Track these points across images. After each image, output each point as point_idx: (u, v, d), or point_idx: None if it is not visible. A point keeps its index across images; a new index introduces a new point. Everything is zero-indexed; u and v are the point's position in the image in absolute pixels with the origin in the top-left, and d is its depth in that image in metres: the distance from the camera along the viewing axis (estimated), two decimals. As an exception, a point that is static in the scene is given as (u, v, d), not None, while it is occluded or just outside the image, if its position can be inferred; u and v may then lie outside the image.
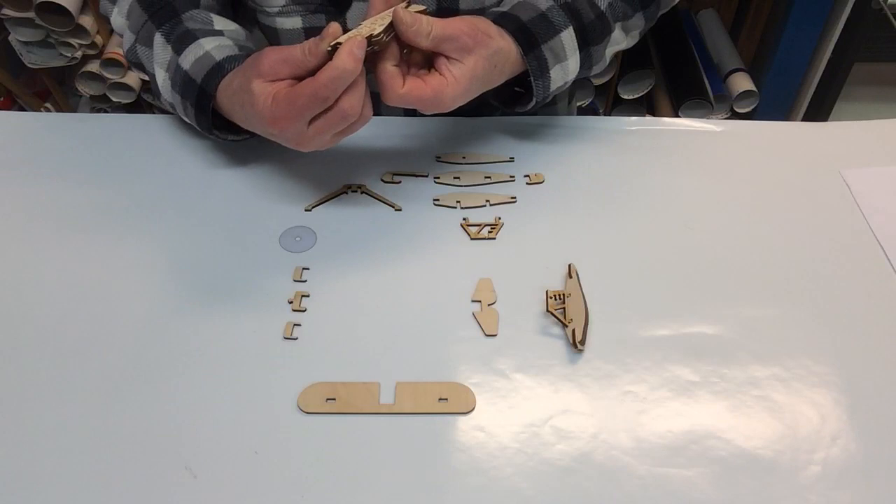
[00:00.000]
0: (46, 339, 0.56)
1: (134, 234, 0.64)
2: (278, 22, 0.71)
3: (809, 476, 0.49)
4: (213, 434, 0.51)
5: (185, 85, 0.63)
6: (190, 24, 0.66)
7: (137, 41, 0.69)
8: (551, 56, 0.63)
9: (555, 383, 0.54)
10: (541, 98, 0.65)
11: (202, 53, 0.63)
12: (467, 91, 0.58)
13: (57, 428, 0.51)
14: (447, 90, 0.57)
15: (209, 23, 0.67)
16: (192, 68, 0.63)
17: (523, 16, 0.62)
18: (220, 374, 0.54)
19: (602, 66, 0.69)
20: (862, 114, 1.50)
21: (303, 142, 0.56)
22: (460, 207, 0.66)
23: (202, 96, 0.62)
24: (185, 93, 0.64)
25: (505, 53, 0.61)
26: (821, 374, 0.54)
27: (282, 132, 0.55)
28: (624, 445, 0.50)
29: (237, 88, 0.58)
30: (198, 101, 0.62)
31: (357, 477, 0.49)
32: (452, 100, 0.58)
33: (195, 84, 0.62)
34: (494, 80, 0.61)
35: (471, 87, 0.58)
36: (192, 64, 0.63)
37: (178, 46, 0.65)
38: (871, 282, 0.60)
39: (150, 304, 0.58)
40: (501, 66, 0.61)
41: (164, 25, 0.66)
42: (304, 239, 0.64)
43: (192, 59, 0.63)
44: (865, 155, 0.72)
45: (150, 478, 0.49)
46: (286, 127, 0.54)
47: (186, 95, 0.63)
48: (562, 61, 0.64)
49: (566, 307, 0.57)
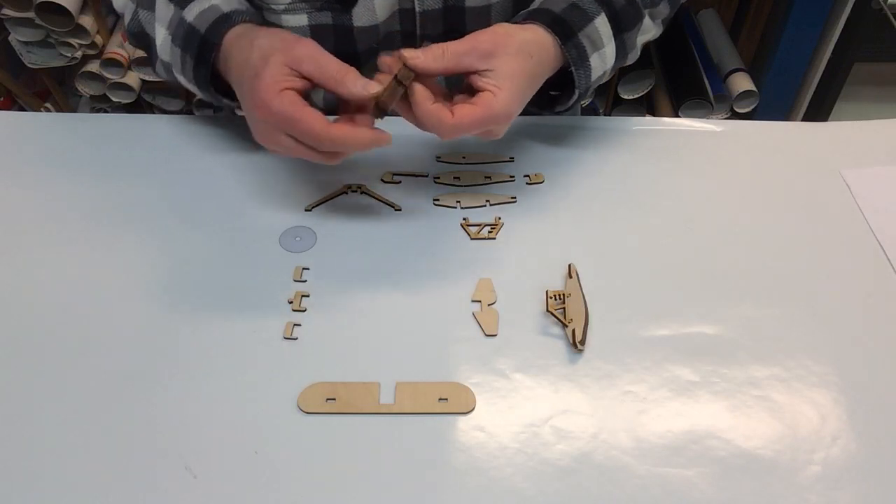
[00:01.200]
0: (46, 339, 0.56)
1: (134, 234, 0.64)
2: (284, 19, 0.70)
3: (809, 476, 0.49)
4: (213, 434, 0.51)
5: (187, 37, 0.62)
6: None
7: (139, 6, 0.68)
8: (589, 44, 0.62)
9: (555, 383, 0.54)
10: (583, 89, 0.64)
11: (208, 6, 0.62)
12: (516, 92, 0.57)
13: (57, 428, 0.51)
14: (496, 100, 0.55)
15: None
16: (197, 20, 0.62)
17: (555, 7, 0.62)
18: (220, 374, 0.54)
19: (635, 55, 0.69)
20: (862, 114, 1.50)
21: (265, 141, 0.57)
22: (460, 207, 0.66)
23: (204, 46, 0.61)
24: (185, 45, 0.62)
25: (538, 43, 0.60)
26: (821, 374, 0.54)
27: (257, 121, 0.55)
28: (624, 445, 0.50)
29: (255, 47, 0.57)
30: (199, 52, 0.61)
31: (357, 477, 0.49)
32: (506, 106, 0.56)
33: (198, 34, 0.61)
34: (538, 73, 0.60)
35: (516, 86, 0.57)
36: (196, 16, 0.62)
37: (180, 2, 0.64)
38: (871, 282, 0.60)
39: (149, 303, 0.58)
40: (539, 56, 0.59)
41: None
42: (304, 239, 0.64)
43: (197, 12, 0.62)
44: (865, 155, 0.71)
45: (150, 478, 0.49)
46: (265, 119, 0.54)
47: (187, 48, 0.62)
48: (599, 49, 0.63)
49: (566, 307, 0.57)
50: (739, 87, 1.55)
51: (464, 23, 0.71)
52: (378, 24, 0.69)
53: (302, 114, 0.53)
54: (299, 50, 0.55)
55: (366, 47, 0.71)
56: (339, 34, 0.70)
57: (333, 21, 0.69)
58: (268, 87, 0.54)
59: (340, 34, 0.70)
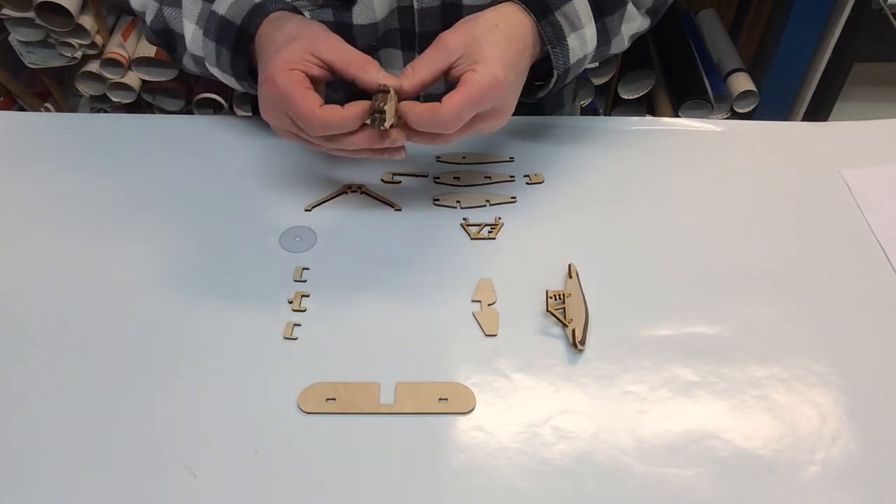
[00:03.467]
0: (46, 338, 0.56)
1: (134, 233, 0.64)
2: None
3: (809, 476, 0.49)
4: (213, 434, 0.51)
5: (222, 30, 0.62)
6: None
7: (163, 4, 0.68)
8: (566, 22, 0.61)
9: (555, 383, 0.54)
10: (561, 70, 0.62)
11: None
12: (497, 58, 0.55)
13: (57, 427, 0.51)
14: (478, 73, 0.54)
15: None
16: (230, 11, 0.62)
17: None
18: (220, 374, 0.54)
19: (620, 44, 0.68)
20: (862, 114, 1.51)
21: (266, 115, 0.58)
22: (460, 207, 0.66)
23: (241, 38, 0.61)
24: (221, 38, 0.62)
25: (505, 16, 0.59)
26: (821, 374, 0.54)
27: (263, 93, 0.56)
28: (624, 445, 0.50)
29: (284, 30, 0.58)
30: (236, 44, 0.61)
31: (357, 477, 0.49)
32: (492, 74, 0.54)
33: (233, 26, 0.61)
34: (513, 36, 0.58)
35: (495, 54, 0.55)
36: (228, 7, 0.62)
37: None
38: (871, 282, 0.60)
39: (149, 303, 0.58)
40: (512, 31, 0.58)
41: None
42: (304, 239, 0.64)
43: (228, 3, 0.62)
44: (865, 155, 0.71)
45: (150, 478, 0.49)
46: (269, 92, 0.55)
47: (223, 41, 0.62)
48: (577, 29, 0.62)
49: (566, 307, 0.57)
50: (739, 87, 1.55)
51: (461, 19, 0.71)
52: (377, 22, 0.69)
53: (301, 94, 0.54)
54: (324, 39, 0.56)
55: (365, 45, 0.71)
56: (340, 32, 0.70)
57: (334, 18, 0.69)
58: (281, 63, 0.55)
59: (341, 32, 0.70)
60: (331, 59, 0.56)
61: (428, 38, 0.71)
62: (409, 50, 0.73)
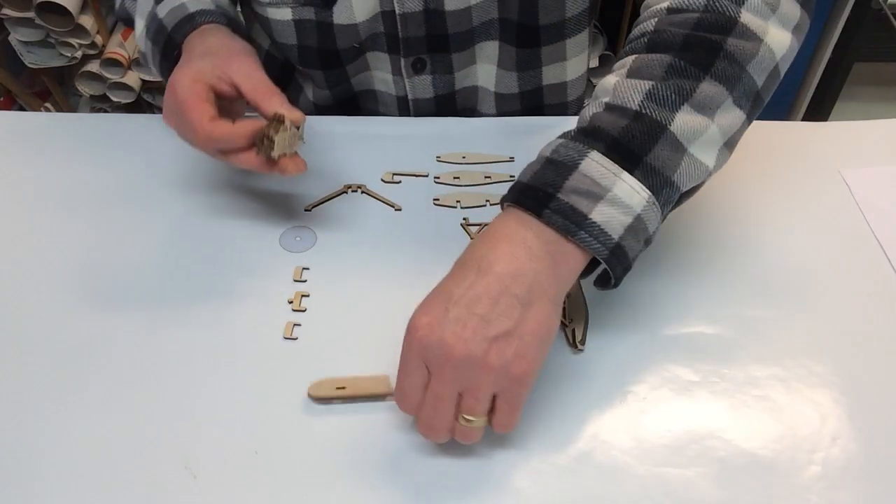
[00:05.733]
0: (46, 339, 0.56)
1: (134, 233, 0.64)
2: (269, 12, 0.71)
3: (809, 476, 0.49)
4: (213, 434, 0.51)
5: (158, 33, 0.65)
6: None
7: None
8: (579, 198, 0.46)
9: (555, 383, 0.54)
10: (601, 250, 0.46)
11: (178, 4, 0.65)
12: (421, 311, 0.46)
13: (57, 427, 0.51)
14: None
15: None
16: (167, 17, 0.65)
17: (525, 176, 0.49)
18: (220, 374, 0.54)
19: (698, 170, 0.51)
20: (862, 114, 1.50)
21: (166, 119, 0.59)
22: (460, 207, 0.66)
23: (169, 44, 0.64)
24: (156, 40, 0.66)
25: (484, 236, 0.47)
26: (821, 374, 0.54)
27: (165, 99, 0.58)
28: (624, 445, 0.50)
29: (203, 45, 0.61)
30: (164, 49, 0.64)
31: (357, 477, 0.49)
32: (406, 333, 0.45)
33: (165, 32, 0.64)
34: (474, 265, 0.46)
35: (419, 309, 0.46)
36: (167, 13, 0.65)
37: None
38: (871, 282, 0.60)
39: (149, 303, 0.58)
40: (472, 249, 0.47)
41: None
42: (304, 239, 0.64)
43: (168, 9, 0.65)
44: (865, 155, 0.71)
45: (150, 478, 0.49)
46: (169, 99, 0.58)
47: (157, 43, 0.65)
48: (603, 196, 0.46)
49: (566, 307, 0.57)
50: (739, 87, 1.55)
51: (445, 26, 0.71)
52: (357, 24, 0.70)
53: (194, 104, 0.55)
54: (238, 61, 0.58)
55: (346, 45, 0.72)
56: (321, 30, 0.71)
57: (316, 17, 0.70)
58: (188, 73, 0.57)
59: (322, 30, 0.71)
60: (238, 83, 0.57)
61: (412, 42, 0.72)
62: (395, 54, 0.73)
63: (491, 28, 0.73)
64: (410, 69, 0.74)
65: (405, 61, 0.73)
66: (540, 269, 0.45)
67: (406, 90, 0.76)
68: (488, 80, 0.78)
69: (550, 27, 0.73)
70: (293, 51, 0.74)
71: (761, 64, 0.51)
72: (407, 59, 0.73)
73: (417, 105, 0.77)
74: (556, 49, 0.76)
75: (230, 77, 0.57)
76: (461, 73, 0.76)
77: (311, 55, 0.74)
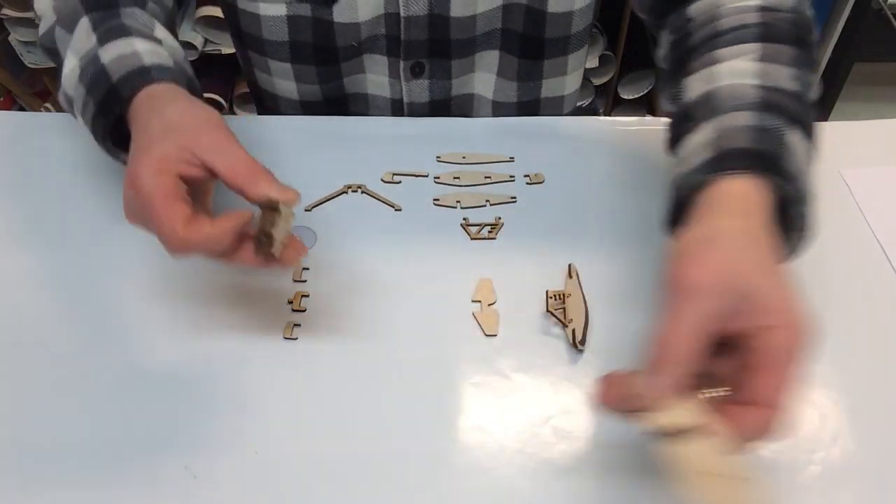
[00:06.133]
0: (46, 339, 0.56)
1: (134, 233, 0.64)
2: (261, 8, 0.69)
3: (809, 476, 0.49)
4: (213, 434, 0.51)
5: (96, 79, 0.53)
6: (127, 21, 0.56)
7: (58, 22, 0.59)
8: (797, 169, 0.47)
9: (555, 383, 0.54)
10: (807, 230, 0.47)
11: (130, 52, 0.53)
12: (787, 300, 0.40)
13: (57, 427, 0.51)
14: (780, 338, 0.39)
15: (150, 27, 0.58)
16: (112, 64, 0.53)
17: (741, 142, 0.47)
18: (221, 374, 0.54)
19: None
20: (862, 114, 1.51)
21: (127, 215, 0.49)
22: (460, 207, 0.66)
23: (111, 97, 0.52)
24: (91, 87, 0.53)
25: (740, 209, 0.44)
26: (821, 374, 0.54)
27: (125, 192, 0.48)
28: (624, 445, 0.50)
29: (162, 116, 0.49)
30: (103, 101, 0.52)
31: (356, 477, 0.49)
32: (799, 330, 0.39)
33: (108, 81, 0.52)
34: (772, 241, 0.43)
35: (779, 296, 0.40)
36: (113, 59, 0.53)
37: (103, 37, 0.55)
38: (871, 282, 0.60)
39: (150, 303, 0.58)
40: (757, 224, 0.43)
41: (95, 12, 0.57)
42: (304, 239, 0.64)
43: (115, 54, 0.53)
44: (865, 155, 0.71)
45: (150, 478, 0.49)
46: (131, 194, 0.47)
47: (92, 91, 0.53)
48: (805, 170, 0.48)
49: (566, 307, 0.57)
50: (739, 87, 1.55)
51: (448, 31, 0.70)
52: (360, 23, 0.69)
53: (163, 205, 0.45)
54: (207, 137, 0.48)
55: (345, 44, 0.71)
56: (318, 27, 0.70)
57: (312, 13, 0.69)
58: (151, 163, 0.46)
59: (319, 27, 0.70)
60: (212, 164, 0.47)
61: (414, 46, 0.71)
62: (395, 56, 0.73)
63: (494, 37, 0.73)
64: (409, 73, 0.74)
65: (404, 64, 0.73)
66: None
67: (402, 93, 0.76)
68: (486, 89, 0.78)
69: (555, 41, 0.73)
70: (283, 47, 0.72)
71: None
72: (406, 63, 0.73)
73: (412, 109, 0.77)
74: (557, 63, 0.76)
75: (201, 158, 0.47)
76: (459, 80, 0.76)
77: (306, 51, 0.72)
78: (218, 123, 0.49)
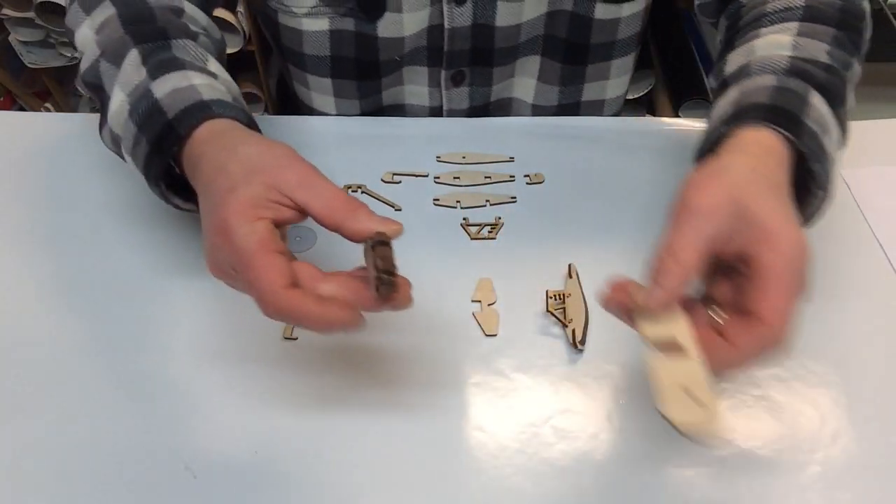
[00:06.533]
0: (47, 338, 0.56)
1: (134, 233, 0.64)
2: (304, 23, 0.69)
3: (809, 476, 0.49)
4: (213, 434, 0.51)
5: (149, 115, 0.49)
6: (179, 53, 0.54)
7: (102, 56, 0.55)
8: (818, 128, 0.47)
9: (555, 383, 0.54)
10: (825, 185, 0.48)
11: (186, 85, 0.50)
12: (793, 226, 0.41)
13: (57, 427, 0.51)
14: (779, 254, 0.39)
15: (203, 60, 0.55)
16: (167, 98, 0.49)
17: (761, 98, 0.48)
18: (220, 374, 0.54)
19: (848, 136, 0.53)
20: (862, 114, 1.51)
21: (214, 269, 0.45)
22: (460, 207, 0.66)
23: (168, 134, 0.48)
24: (144, 124, 0.49)
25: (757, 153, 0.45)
26: (821, 374, 0.54)
27: (213, 245, 0.43)
28: (624, 445, 0.50)
29: (238, 155, 0.45)
30: (158, 138, 0.49)
31: (357, 478, 0.49)
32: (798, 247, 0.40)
33: (163, 117, 0.48)
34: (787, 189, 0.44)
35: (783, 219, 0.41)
36: (167, 93, 0.49)
37: (155, 70, 0.51)
38: (871, 282, 0.60)
39: (149, 303, 0.58)
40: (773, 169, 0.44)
41: (145, 44, 0.53)
42: (304, 239, 0.64)
43: (170, 88, 0.50)
44: (865, 155, 0.71)
45: (150, 478, 0.49)
46: (221, 247, 0.42)
47: (145, 128, 0.49)
48: (828, 132, 0.48)
49: (566, 307, 0.57)
50: (739, 87, 1.55)
51: (493, 40, 0.70)
52: (404, 37, 0.69)
53: (263, 262, 0.40)
54: (292, 173, 0.43)
55: (388, 58, 0.70)
56: (361, 42, 0.69)
57: (356, 28, 0.68)
58: (242, 209, 0.41)
59: (362, 42, 0.69)
60: (305, 203, 0.43)
61: (456, 56, 0.71)
62: (436, 66, 0.72)
63: (536, 43, 0.73)
64: (450, 81, 0.73)
65: (445, 74, 0.73)
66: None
67: (442, 101, 0.76)
68: (526, 93, 0.78)
69: (600, 46, 0.73)
70: (324, 62, 0.72)
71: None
72: (448, 72, 0.73)
73: (451, 116, 0.77)
74: (601, 67, 0.76)
75: (292, 197, 0.42)
76: (499, 86, 0.76)
77: (347, 65, 0.72)
78: (298, 157, 0.45)
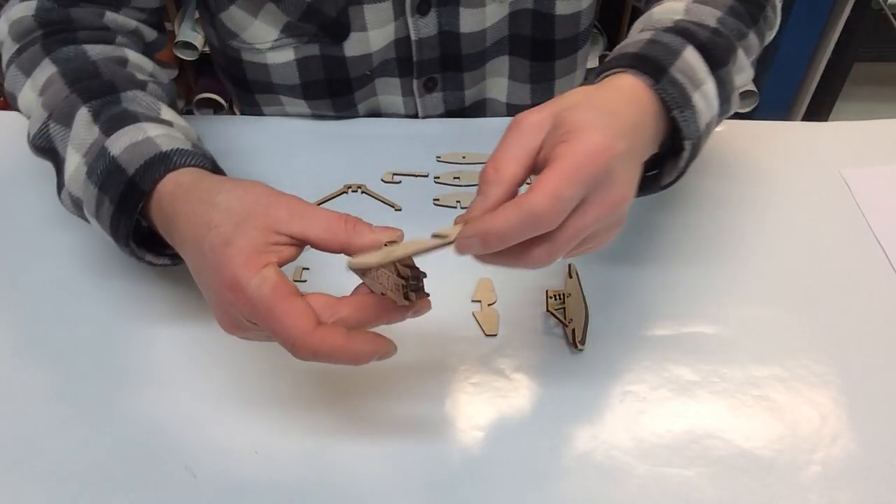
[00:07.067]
0: (47, 338, 0.56)
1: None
2: (269, 57, 0.69)
3: (809, 476, 0.49)
4: (213, 434, 0.51)
5: (108, 174, 0.47)
6: (130, 106, 0.52)
7: (51, 118, 0.53)
8: (686, 79, 0.48)
9: (555, 383, 0.54)
10: (694, 137, 0.48)
11: (141, 138, 0.48)
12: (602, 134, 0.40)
13: (57, 427, 0.51)
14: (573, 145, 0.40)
15: (156, 110, 0.53)
16: (125, 154, 0.47)
17: (632, 48, 0.49)
18: (220, 374, 0.54)
19: (737, 100, 0.55)
20: (862, 114, 1.51)
21: (231, 327, 0.44)
22: (460, 207, 0.66)
23: (130, 191, 0.46)
24: (105, 184, 0.48)
25: (608, 86, 0.46)
26: (821, 374, 0.54)
27: (226, 303, 0.41)
28: (624, 445, 0.50)
29: (219, 206, 0.43)
30: (122, 198, 0.47)
31: (357, 478, 0.49)
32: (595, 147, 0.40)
33: (124, 175, 0.47)
34: (631, 119, 0.44)
35: (596, 127, 0.40)
36: (124, 149, 0.48)
37: (108, 127, 0.50)
38: (871, 282, 0.60)
39: (149, 302, 0.58)
40: (617, 99, 0.45)
41: (93, 101, 0.52)
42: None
43: (127, 143, 0.48)
44: (865, 155, 0.71)
45: (150, 478, 0.49)
46: (236, 303, 0.41)
47: (107, 188, 0.47)
48: (699, 86, 0.49)
49: (566, 307, 0.57)
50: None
51: (459, 47, 0.70)
52: (372, 53, 0.69)
53: (287, 308, 0.39)
54: (280, 209, 0.42)
55: (358, 74, 0.71)
56: (329, 63, 0.70)
57: (321, 52, 0.69)
58: (246, 260, 0.40)
59: (330, 63, 0.70)
60: (303, 233, 0.42)
61: (426, 64, 0.71)
62: (407, 76, 0.73)
63: (503, 44, 0.73)
64: (422, 89, 0.74)
65: (417, 82, 0.73)
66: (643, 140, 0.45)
67: (417, 109, 0.76)
68: (500, 93, 0.78)
69: (565, 41, 0.74)
70: (295, 89, 0.72)
71: (767, 40, 0.60)
72: (419, 80, 0.73)
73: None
74: (568, 62, 0.77)
75: (288, 233, 0.42)
76: (472, 90, 0.77)
77: (319, 87, 0.72)
78: (276, 191, 0.44)
